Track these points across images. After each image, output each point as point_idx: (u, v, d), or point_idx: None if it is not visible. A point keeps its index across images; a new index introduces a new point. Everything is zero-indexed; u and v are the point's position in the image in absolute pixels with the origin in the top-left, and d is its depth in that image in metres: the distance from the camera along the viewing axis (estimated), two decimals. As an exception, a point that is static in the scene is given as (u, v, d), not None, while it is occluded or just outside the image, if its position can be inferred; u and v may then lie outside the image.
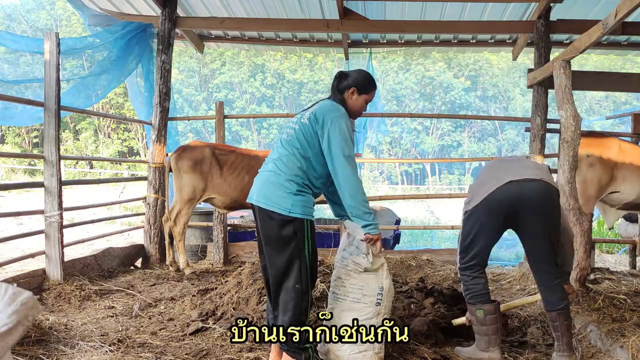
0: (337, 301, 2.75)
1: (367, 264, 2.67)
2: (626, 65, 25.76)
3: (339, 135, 2.52)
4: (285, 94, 33.86)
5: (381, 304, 2.68)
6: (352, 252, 2.75)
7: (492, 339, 2.88)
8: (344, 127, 2.54)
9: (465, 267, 2.93)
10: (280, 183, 2.50)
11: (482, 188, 2.86)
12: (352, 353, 2.64)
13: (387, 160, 28.07)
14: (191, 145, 5.28)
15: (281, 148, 2.60)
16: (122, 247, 5.58)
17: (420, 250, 6.21)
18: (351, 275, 2.72)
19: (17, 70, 21.72)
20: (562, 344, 2.85)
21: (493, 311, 2.89)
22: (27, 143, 27.62)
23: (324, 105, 2.66)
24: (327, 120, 2.54)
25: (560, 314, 2.84)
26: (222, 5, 6.25)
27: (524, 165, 2.91)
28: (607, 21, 3.59)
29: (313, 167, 2.58)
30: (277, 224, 2.47)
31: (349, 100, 2.74)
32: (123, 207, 12.40)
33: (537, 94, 5.77)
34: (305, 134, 2.57)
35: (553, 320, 2.87)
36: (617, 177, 4.55)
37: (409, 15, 6.48)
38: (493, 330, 2.88)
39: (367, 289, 2.68)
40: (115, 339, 3.15)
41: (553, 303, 2.85)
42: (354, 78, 2.74)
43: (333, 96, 2.76)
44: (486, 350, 2.89)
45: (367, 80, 2.76)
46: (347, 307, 2.69)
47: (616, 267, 6.28)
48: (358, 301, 2.68)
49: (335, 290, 2.77)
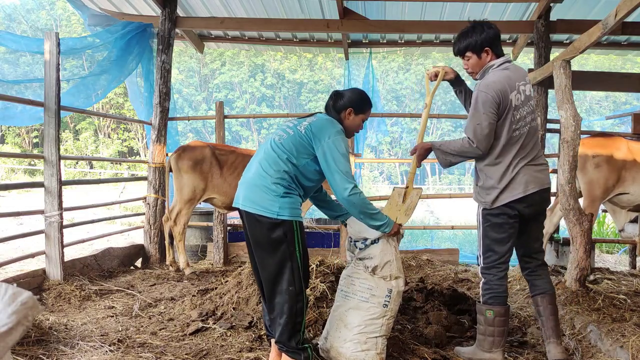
0: (345, 299, 2.78)
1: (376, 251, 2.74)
2: (626, 65, 25.75)
3: (339, 155, 2.52)
4: (285, 94, 33.85)
5: (388, 306, 2.71)
6: (363, 256, 2.80)
7: (496, 341, 2.85)
8: (341, 145, 2.55)
9: (490, 266, 2.87)
10: (266, 186, 2.49)
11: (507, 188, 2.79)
12: (355, 351, 2.66)
13: (387, 160, 28.11)
14: (191, 145, 5.28)
15: (269, 150, 2.58)
16: (122, 247, 5.58)
17: (420, 250, 6.21)
18: (362, 275, 2.76)
19: (17, 70, 21.66)
20: (547, 328, 2.87)
21: (503, 314, 2.85)
22: (27, 143, 27.63)
23: (323, 120, 2.65)
24: (324, 136, 2.54)
25: (544, 296, 2.89)
26: (222, 5, 6.25)
27: (539, 166, 2.86)
28: (607, 21, 3.60)
29: (300, 176, 2.57)
30: (266, 227, 2.47)
31: (345, 120, 2.74)
32: (123, 207, 12.41)
33: (537, 94, 5.77)
34: (298, 142, 2.56)
35: (538, 305, 2.92)
36: (626, 178, 4.51)
37: (409, 15, 6.48)
38: (499, 333, 2.85)
39: (377, 290, 2.71)
40: (115, 339, 3.15)
41: (538, 286, 2.92)
42: (349, 98, 2.73)
43: (329, 114, 2.76)
44: (489, 351, 2.85)
45: (363, 100, 2.76)
46: (355, 305, 2.73)
47: (616, 267, 6.28)
48: (366, 301, 2.71)
49: (344, 288, 2.81)
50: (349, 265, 2.89)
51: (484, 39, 2.80)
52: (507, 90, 2.72)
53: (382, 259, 2.73)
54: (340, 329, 2.73)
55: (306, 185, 2.62)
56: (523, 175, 2.77)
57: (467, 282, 4.91)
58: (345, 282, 2.82)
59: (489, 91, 2.70)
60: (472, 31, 2.83)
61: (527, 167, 2.79)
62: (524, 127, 2.78)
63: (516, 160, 2.77)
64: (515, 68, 2.85)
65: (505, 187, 2.78)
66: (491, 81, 2.74)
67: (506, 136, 2.75)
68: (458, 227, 7.54)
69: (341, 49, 7.37)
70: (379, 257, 2.74)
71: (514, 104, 2.74)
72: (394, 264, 2.75)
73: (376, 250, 2.75)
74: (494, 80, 2.74)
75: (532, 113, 2.84)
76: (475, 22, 2.87)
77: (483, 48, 2.81)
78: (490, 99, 2.69)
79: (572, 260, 3.97)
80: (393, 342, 2.93)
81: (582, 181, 4.66)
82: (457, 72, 3.08)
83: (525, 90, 2.81)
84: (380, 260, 2.73)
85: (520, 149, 2.77)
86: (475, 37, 2.81)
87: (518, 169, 2.77)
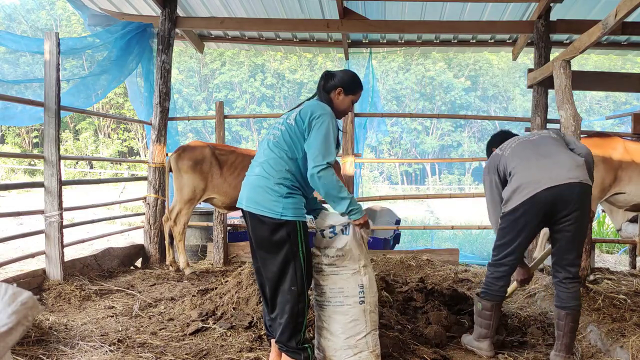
0: (322, 308, 2.69)
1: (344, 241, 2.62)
2: (626, 65, 25.76)
3: (322, 133, 2.49)
4: (285, 94, 33.84)
5: (365, 301, 2.63)
6: (327, 245, 2.66)
7: (482, 332, 3.07)
8: (328, 125, 2.52)
9: (491, 263, 3.06)
10: (269, 187, 2.48)
11: (519, 189, 2.82)
12: (348, 357, 2.62)
13: (387, 160, 28.09)
14: (191, 145, 5.27)
15: (268, 150, 2.57)
16: (122, 247, 5.58)
17: (420, 250, 6.21)
18: (329, 279, 2.65)
19: (17, 70, 21.68)
20: (561, 344, 2.85)
21: (489, 308, 3.04)
22: (27, 143, 27.63)
23: (310, 104, 2.64)
24: (312, 118, 2.53)
25: (568, 314, 2.84)
26: (222, 5, 6.25)
27: (560, 163, 2.82)
28: (607, 21, 3.60)
29: (301, 169, 2.55)
30: (269, 228, 2.46)
31: (335, 100, 2.73)
32: (123, 207, 12.41)
33: (537, 94, 5.77)
34: (291, 135, 2.55)
35: (559, 319, 2.87)
36: (622, 178, 4.50)
37: (409, 15, 6.48)
38: (486, 325, 3.06)
39: (348, 290, 2.62)
40: (115, 339, 3.15)
41: (564, 300, 2.85)
42: (340, 78, 2.73)
43: (319, 96, 2.74)
44: (477, 341, 3.09)
45: (353, 81, 2.75)
46: (332, 311, 2.64)
47: (616, 267, 6.28)
48: (341, 304, 2.62)
49: (317, 297, 2.71)
50: (313, 274, 2.70)
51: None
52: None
53: (351, 249, 2.62)
54: (328, 339, 2.65)
55: (305, 183, 2.59)
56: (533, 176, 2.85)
57: (467, 282, 4.91)
58: (317, 292, 2.71)
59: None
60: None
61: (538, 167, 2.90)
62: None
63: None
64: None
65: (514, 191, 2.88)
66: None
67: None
68: (458, 227, 7.54)
69: (341, 49, 7.37)
70: (349, 245, 2.61)
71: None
72: (362, 254, 2.65)
73: (345, 240, 2.62)
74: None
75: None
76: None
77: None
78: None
79: (572, 260, 3.97)
80: (393, 342, 2.93)
81: None
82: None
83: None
84: (349, 249, 2.61)
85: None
86: None
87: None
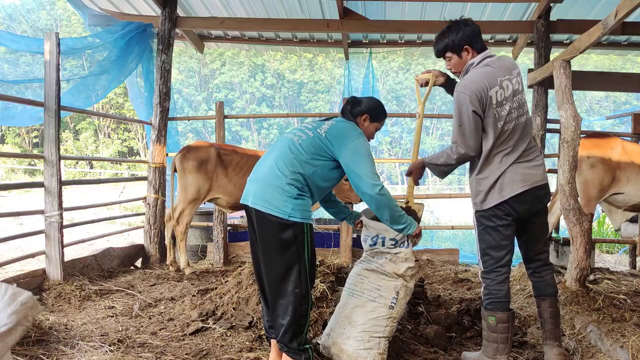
0: (351, 296, 2.80)
1: (403, 253, 2.76)
2: (626, 65, 25.73)
3: (366, 154, 2.57)
4: (285, 94, 33.82)
5: (394, 308, 2.73)
6: (376, 255, 2.81)
7: (500, 348, 2.74)
8: (368, 146, 2.62)
9: (489, 270, 2.76)
10: (280, 186, 2.47)
11: (495, 188, 2.69)
12: (357, 349, 2.66)
13: (387, 160, 28.15)
14: (196, 145, 5.27)
15: (286, 149, 2.56)
16: (122, 247, 5.58)
17: (420, 250, 6.21)
18: (372, 274, 2.78)
19: (17, 70, 21.64)
20: (546, 330, 2.86)
21: (506, 320, 2.74)
22: (27, 143, 27.61)
23: (343, 124, 2.69)
24: (347, 140, 2.57)
25: (544, 299, 2.86)
26: (222, 5, 6.25)
27: (530, 162, 2.73)
28: (607, 21, 3.59)
29: (315, 178, 2.57)
30: (276, 227, 2.45)
31: (361, 125, 2.79)
32: (123, 207, 12.40)
33: (537, 94, 5.77)
34: (318, 144, 2.57)
35: (539, 306, 2.91)
36: (621, 179, 4.51)
37: (409, 15, 6.48)
38: (503, 340, 2.74)
39: (384, 291, 2.73)
40: (115, 339, 3.15)
41: (542, 289, 2.88)
42: (367, 105, 2.81)
43: (347, 119, 2.80)
44: (493, 358, 2.76)
45: (379, 109, 2.84)
46: (361, 303, 2.74)
47: (616, 267, 6.28)
48: (373, 300, 2.74)
49: (352, 285, 2.83)
50: (359, 263, 2.88)
51: (461, 37, 2.76)
52: (486, 88, 2.61)
53: (406, 259, 2.76)
54: (344, 326, 2.74)
55: (321, 186, 2.62)
56: (512, 174, 2.65)
57: (467, 282, 4.91)
58: (354, 280, 2.83)
59: (466, 91, 2.63)
60: (448, 31, 2.81)
61: (516, 164, 2.67)
62: (509, 124, 2.65)
63: (502, 159, 2.66)
64: (499, 62, 2.73)
65: (492, 188, 2.68)
66: (469, 80, 2.67)
67: (491, 135, 2.64)
68: (458, 227, 7.54)
69: (341, 49, 7.36)
70: (410, 259, 2.76)
71: (495, 100, 2.62)
72: (412, 269, 2.78)
73: (406, 252, 2.76)
74: (472, 79, 2.67)
75: (520, 107, 2.70)
76: (452, 21, 2.83)
77: (462, 47, 2.77)
78: (468, 98, 2.61)
79: (572, 260, 3.97)
80: (393, 342, 2.93)
81: (577, 181, 4.67)
82: (447, 73, 2.99)
83: (510, 86, 2.67)
84: (405, 259, 2.75)
85: (506, 146, 2.66)
86: (452, 37, 2.78)
87: (505, 168, 2.65)
